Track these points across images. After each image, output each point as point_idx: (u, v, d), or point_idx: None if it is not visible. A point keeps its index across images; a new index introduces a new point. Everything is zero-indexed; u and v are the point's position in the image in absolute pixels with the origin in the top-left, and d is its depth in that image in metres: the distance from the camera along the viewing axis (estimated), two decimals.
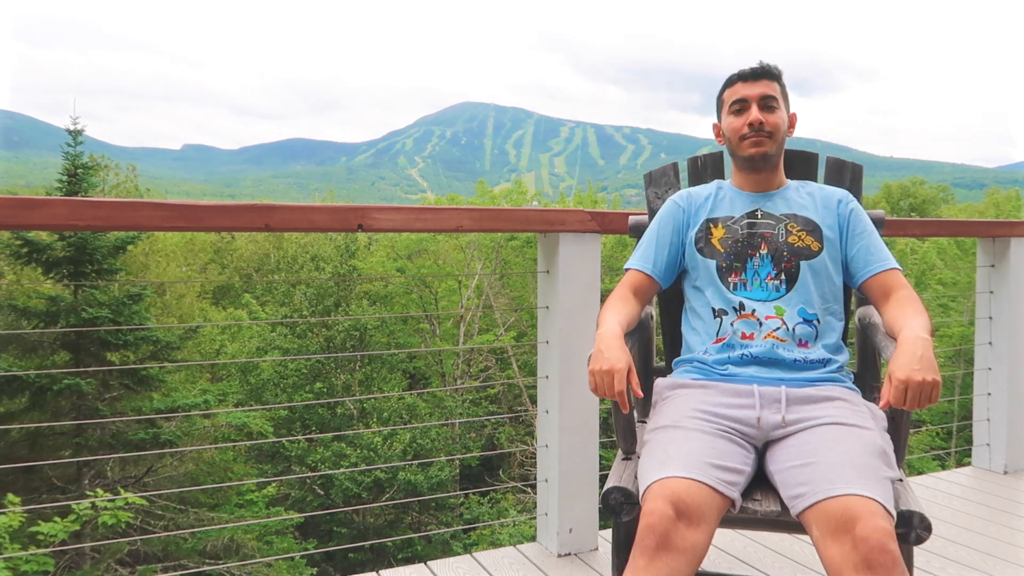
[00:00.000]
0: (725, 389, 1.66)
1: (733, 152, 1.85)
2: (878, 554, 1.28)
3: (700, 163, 2.09)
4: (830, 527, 1.35)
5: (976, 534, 2.62)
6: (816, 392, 1.64)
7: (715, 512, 1.43)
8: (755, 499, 1.54)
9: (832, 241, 1.78)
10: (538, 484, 2.50)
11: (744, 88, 1.79)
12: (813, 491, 1.41)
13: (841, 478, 1.40)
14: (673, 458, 1.49)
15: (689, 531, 1.37)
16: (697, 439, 1.54)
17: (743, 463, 1.54)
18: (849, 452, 1.48)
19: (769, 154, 1.79)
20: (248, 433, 13.04)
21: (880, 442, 1.54)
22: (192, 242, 25.18)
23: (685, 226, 1.87)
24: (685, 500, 1.39)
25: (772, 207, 1.82)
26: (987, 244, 3.36)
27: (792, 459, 1.52)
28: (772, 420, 1.59)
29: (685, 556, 1.35)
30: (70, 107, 18.11)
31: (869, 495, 1.36)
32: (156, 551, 10.33)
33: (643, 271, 1.86)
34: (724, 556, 2.41)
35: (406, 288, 20.62)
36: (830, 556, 1.33)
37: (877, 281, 1.76)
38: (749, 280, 1.76)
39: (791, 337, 1.70)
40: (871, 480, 1.40)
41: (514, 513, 14.75)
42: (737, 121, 1.80)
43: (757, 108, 1.77)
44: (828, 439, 1.52)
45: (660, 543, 1.34)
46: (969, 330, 17.91)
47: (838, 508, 1.35)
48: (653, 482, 1.44)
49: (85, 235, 9.54)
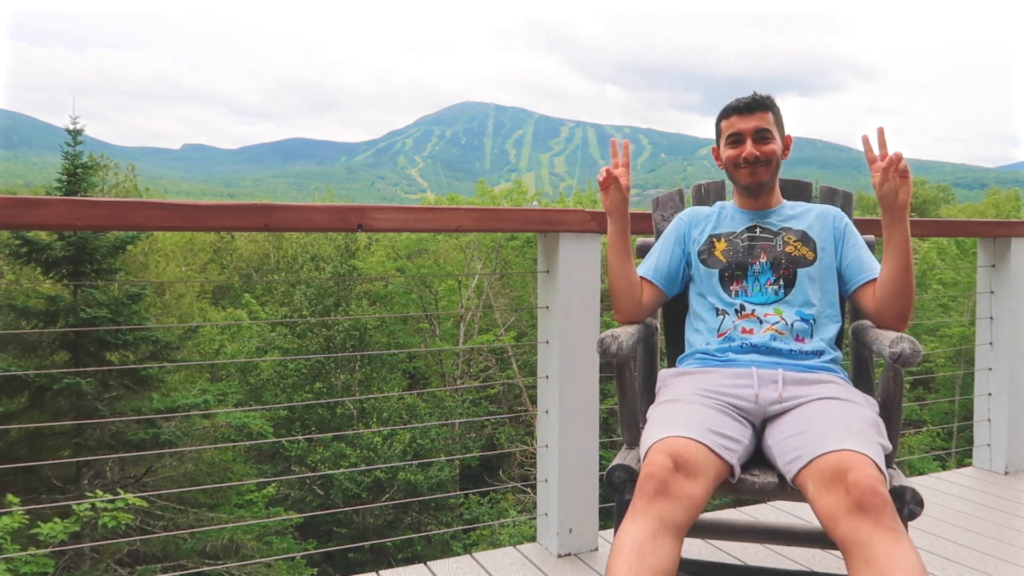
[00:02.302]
0: (725, 372, 1.77)
1: (732, 178, 1.99)
2: (869, 496, 1.34)
3: (704, 190, 2.20)
4: (824, 480, 1.42)
5: (977, 535, 2.62)
6: (811, 376, 1.74)
7: (712, 471, 1.50)
8: (753, 473, 1.61)
9: (827, 251, 1.90)
10: (538, 484, 2.50)
11: (739, 122, 1.92)
12: (807, 452, 1.49)
13: (834, 437, 1.49)
14: (673, 422, 1.58)
15: (687, 482, 1.43)
16: (697, 411, 1.63)
17: (741, 435, 1.62)
18: (842, 420, 1.56)
19: (763, 182, 1.92)
20: (248, 433, 13.04)
21: (872, 415, 1.63)
22: (192, 242, 25.17)
23: (688, 239, 2.00)
24: (683, 455, 1.47)
25: (770, 223, 1.95)
26: (987, 244, 3.36)
27: (788, 431, 1.60)
28: (770, 396, 1.68)
29: (682, 503, 1.41)
30: (69, 106, 18.07)
31: (861, 450, 1.44)
32: (156, 551, 10.32)
33: (645, 277, 1.98)
34: (724, 556, 2.41)
35: (406, 288, 20.62)
36: (824, 506, 1.40)
37: (868, 287, 1.86)
38: (750, 287, 1.87)
39: (789, 331, 1.80)
40: (862, 440, 1.48)
41: (514, 513, 14.75)
42: (733, 152, 1.93)
43: (752, 142, 1.90)
44: (822, 410, 1.62)
45: (658, 489, 1.41)
46: (969, 330, 17.90)
47: (831, 462, 1.43)
48: (654, 441, 1.52)
49: (84, 235, 9.53)
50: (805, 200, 2.13)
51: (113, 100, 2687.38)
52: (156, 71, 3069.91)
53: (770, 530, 1.94)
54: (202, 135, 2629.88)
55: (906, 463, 14.06)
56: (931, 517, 2.75)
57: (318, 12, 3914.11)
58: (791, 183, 2.14)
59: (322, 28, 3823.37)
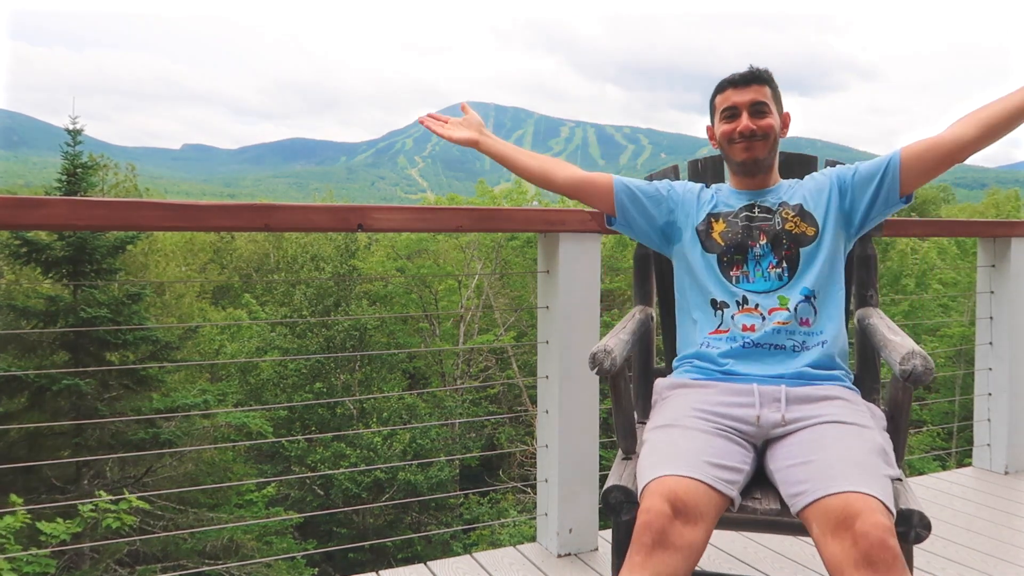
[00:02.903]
0: (724, 388, 1.67)
1: (726, 156, 1.89)
2: (879, 550, 1.28)
3: (700, 166, 2.11)
4: (830, 524, 1.35)
5: (977, 535, 2.62)
6: (815, 391, 1.64)
7: (713, 510, 1.42)
8: (755, 498, 1.54)
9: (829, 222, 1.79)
10: (538, 484, 2.50)
11: (735, 95, 1.82)
12: (813, 488, 1.41)
13: (841, 475, 1.40)
14: (671, 456, 1.49)
15: (686, 529, 1.36)
16: (696, 438, 1.55)
17: (742, 462, 1.54)
18: (849, 450, 1.48)
19: (759, 159, 1.82)
20: (248, 433, 13.03)
21: (880, 440, 1.54)
22: (192, 242, 25.18)
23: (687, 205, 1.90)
24: (682, 498, 1.38)
25: (767, 202, 1.84)
26: (987, 244, 3.36)
27: (792, 457, 1.52)
28: (772, 418, 1.59)
29: (682, 553, 1.34)
30: (69, 106, 18.07)
31: (869, 492, 1.36)
32: (155, 551, 10.32)
33: (614, 182, 1.95)
34: (724, 556, 2.41)
35: (406, 288, 20.61)
36: (830, 553, 1.33)
37: (913, 150, 1.76)
38: (751, 272, 1.77)
39: (794, 318, 1.72)
40: (871, 477, 1.40)
41: (514, 513, 14.75)
42: (728, 127, 1.83)
43: (747, 115, 1.80)
44: (828, 437, 1.52)
45: (657, 540, 1.34)
46: (969, 330, 17.89)
47: (838, 505, 1.36)
48: (651, 480, 1.44)
49: (84, 235, 9.53)
50: None
51: (113, 100, 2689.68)
52: (156, 71, 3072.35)
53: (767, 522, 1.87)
54: (202, 135, 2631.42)
55: (906, 463, 14.05)
56: (931, 517, 2.74)
57: (318, 12, 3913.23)
58: (795, 157, 2.02)
59: (322, 28, 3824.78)
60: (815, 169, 2.02)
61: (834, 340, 1.74)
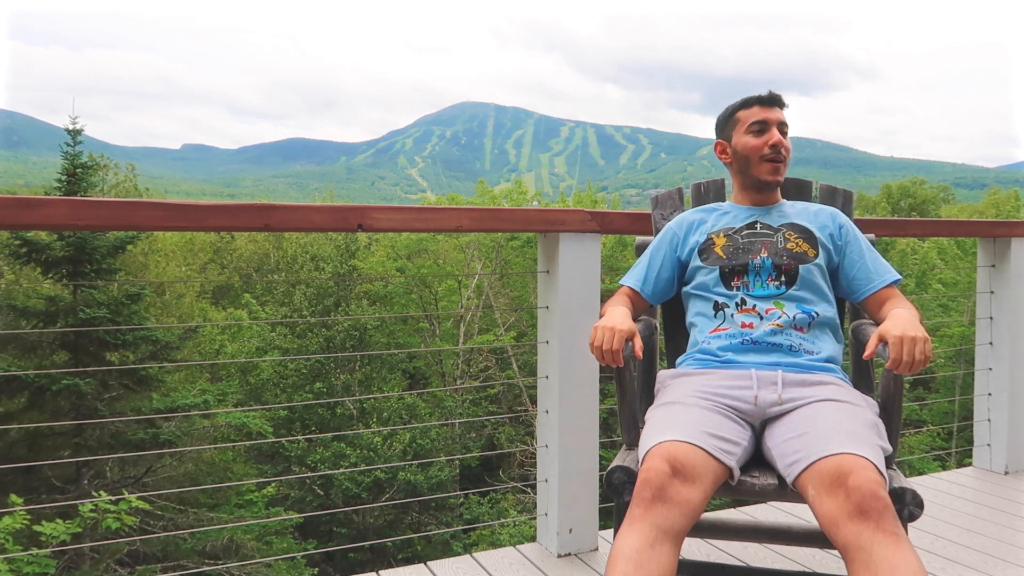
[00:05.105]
0: (724, 374, 1.74)
1: (744, 170, 1.94)
2: (870, 500, 1.34)
3: (703, 189, 2.19)
4: (824, 484, 1.41)
5: (977, 535, 2.62)
6: (811, 377, 1.72)
7: (711, 476, 1.48)
8: (753, 475, 1.60)
9: (828, 249, 1.89)
10: (538, 484, 2.50)
11: (763, 112, 1.90)
12: (807, 455, 1.48)
13: (835, 440, 1.47)
14: (671, 426, 1.56)
15: (684, 487, 1.42)
16: (695, 413, 1.62)
17: (740, 437, 1.61)
18: (842, 423, 1.55)
19: (780, 181, 1.92)
20: (248, 433, 13.02)
21: (872, 418, 1.62)
22: (192, 242, 25.16)
23: (684, 244, 1.97)
24: (681, 460, 1.45)
25: (770, 219, 1.93)
26: (987, 244, 3.36)
27: (787, 432, 1.59)
28: (769, 398, 1.66)
29: (679, 508, 1.40)
30: (69, 106, 18.06)
31: (861, 454, 1.43)
32: (155, 551, 10.31)
33: (634, 288, 1.97)
34: (724, 556, 2.41)
35: (406, 288, 20.61)
36: (825, 510, 1.39)
37: (876, 297, 1.87)
38: (751, 281, 1.84)
39: (790, 325, 1.78)
40: (863, 443, 1.47)
41: (514, 513, 14.75)
42: (757, 141, 1.89)
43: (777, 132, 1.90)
44: (822, 413, 1.60)
45: (656, 495, 1.40)
46: (969, 330, 17.89)
47: (831, 465, 1.42)
48: (652, 446, 1.50)
49: (84, 235, 9.52)
50: (805, 199, 2.12)
51: (112, 100, 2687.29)
52: (155, 71, 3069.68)
53: (770, 530, 1.94)
54: (202, 135, 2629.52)
55: (906, 463, 14.06)
56: (931, 517, 2.75)
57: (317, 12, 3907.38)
58: (791, 182, 2.13)
59: (321, 28, 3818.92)
60: (810, 193, 2.13)
61: (829, 347, 1.81)
